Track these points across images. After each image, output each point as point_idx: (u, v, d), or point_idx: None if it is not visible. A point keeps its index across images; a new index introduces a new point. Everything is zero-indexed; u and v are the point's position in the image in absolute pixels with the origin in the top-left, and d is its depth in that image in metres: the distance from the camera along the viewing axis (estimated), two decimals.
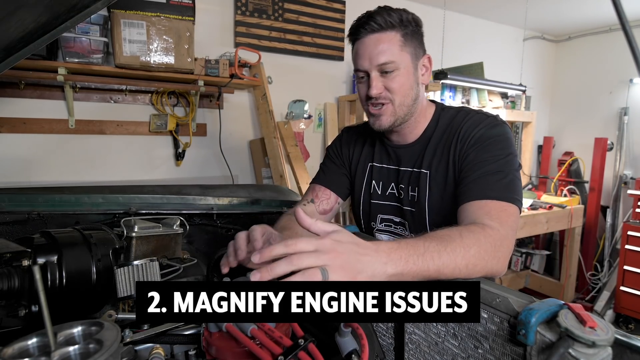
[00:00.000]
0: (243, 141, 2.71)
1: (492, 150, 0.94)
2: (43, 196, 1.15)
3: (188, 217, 1.22)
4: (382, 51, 0.96)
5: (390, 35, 0.97)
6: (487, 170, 0.91)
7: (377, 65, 0.97)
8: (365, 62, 0.99)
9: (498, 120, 1.00)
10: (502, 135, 0.96)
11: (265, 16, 2.66)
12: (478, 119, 1.00)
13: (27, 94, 2.06)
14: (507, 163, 0.92)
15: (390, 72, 0.98)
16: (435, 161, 1.03)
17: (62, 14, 0.77)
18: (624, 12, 0.54)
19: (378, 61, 0.97)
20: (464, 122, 1.00)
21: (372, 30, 0.97)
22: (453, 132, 1.01)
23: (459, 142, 0.99)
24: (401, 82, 0.99)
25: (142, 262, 0.82)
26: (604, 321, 0.50)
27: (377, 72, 0.98)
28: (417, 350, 0.76)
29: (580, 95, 4.19)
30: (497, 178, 0.89)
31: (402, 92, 0.99)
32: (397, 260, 0.64)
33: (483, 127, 0.97)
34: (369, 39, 0.98)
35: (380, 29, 0.96)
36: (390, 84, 0.98)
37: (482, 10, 3.54)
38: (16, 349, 0.52)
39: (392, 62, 0.97)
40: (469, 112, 1.03)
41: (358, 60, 1.01)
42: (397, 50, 0.97)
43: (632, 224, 3.13)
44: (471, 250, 0.71)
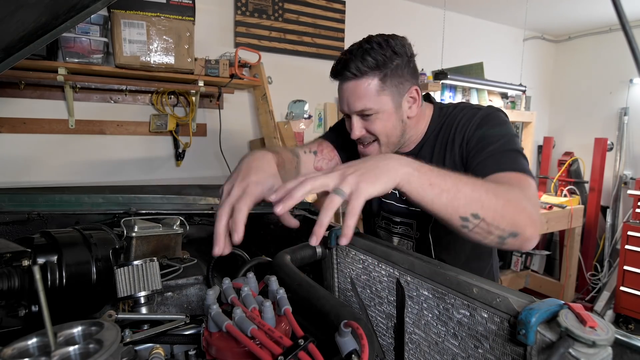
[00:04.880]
0: (243, 141, 2.71)
1: (493, 134, 0.94)
2: (43, 196, 1.15)
3: (188, 217, 1.22)
4: (358, 98, 0.95)
5: (367, 82, 0.94)
6: (493, 149, 0.91)
7: (355, 112, 0.98)
8: (344, 106, 1.00)
9: (493, 108, 1.01)
10: (500, 118, 0.97)
11: (265, 16, 2.66)
12: (474, 111, 1.01)
13: (27, 94, 2.06)
14: (509, 142, 0.92)
15: (370, 116, 0.97)
16: (435, 157, 1.03)
17: (62, 14, 0.77)
18: (624, 12, 0.54)
19: (355, 108, 0.97)
20: (462, 114, 1.02)
21: (348, 79, 0.96)
22: (451, 125, 1.02)
23: (459, 132, 0.99)
24: (382, 125, 0.98)
25: (142, 262, 0.82)
26: (604, 321, 0.50)
27: (357, 115, 0.98)
28: (417, 350, 0.76)
29: (580, 95, 4.20)
30: (505, 155, 0.89)
31: (384, 133, 0.99)
32: (411, 162, 0.65)
33: (480, 116, 0.98)
34: (346, 85, 0.97)
35: (354, 77, 0.94)
36: (371, 126, 0.98)
37: (482, 10, 3.54)
38: (16, 349, 0.52)
39: (369, 109, 0.96)
40: (464, 108, 1.04)
41: (340, 102, 1.01)
42: (374, 96, 0.95)
43: (632, 224, 3.13)
44: (501, 188, 0.71)
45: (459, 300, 0.67)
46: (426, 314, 0.74)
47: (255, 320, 0.61)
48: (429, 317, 0.74)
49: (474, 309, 0.64)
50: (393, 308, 0.82)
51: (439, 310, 0.71)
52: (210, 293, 0.68)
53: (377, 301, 0.86)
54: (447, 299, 0.70)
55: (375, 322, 0.87)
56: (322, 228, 0.61)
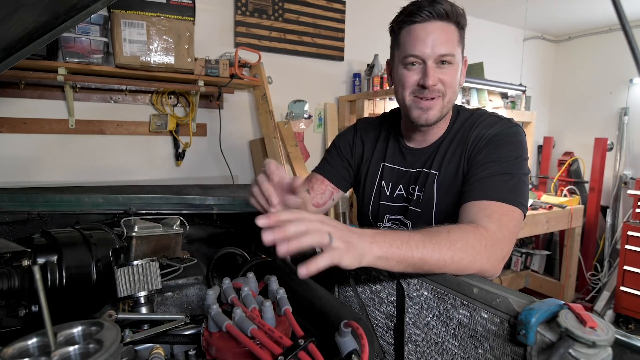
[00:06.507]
0: (243, 141, 2.71)
1: (502, 152, 0.92)
2: (43, 196, 1.15)
3: (188, 217, 1.22)
4: (445, 41, 0.91)
5: (452, 28, 0.92)
6: (494, 170, 0.90)
7: (438, 55, 0.91)
8: (426, 48, 0.91)
9: (512, 123, 0.98)
10: (514, 137, 0.95)
11: (265, 16, 2.66)
12: (492, 120, 0.99)
13: (27, 94, 2.05)
14: (515, 165, 0.90)
15: (447, 65, 0.93)
16: (446, 162, 1.01)
17: (62, 14, 0.77)
18: (624, 12, 0.54)
19: (440, 51, 0.91)
20: (478, 123, 0.99)
21: (438, 17, 0.90)
22: (466, 134, 1.00)
23: (471, 143, 0.97)
24: (454, 76, 0.95)
25: (142, 262, 0.82)
26: (604, 321, 0.50)
27: (433, 62, 0.92)
28: (417, 350, 0.76)
29: (580, 95, 4.19)
30: (504, 179, 0.88)
31: (453, 87, 0.96)
32: (381, 243, 0.67)
33: (496, 128, 0.96)
34: (433, 25, 0.90)
35: (445, 17, 0.90)
36: (445, 77, 0.93)
37: (482, 10, 3.54)
38: (16, 349, 0.52)
39: (451, 55, 0.92)
40: (482, 114, 1.02)
41: (416, 44, 0.91)
42: (456, 44, 0.93)
43: (632, 224, 3.13)
44: (457, 244, 0.72)
45: (459, 300, 0.67)
46: (426, 314, 0.74)
47: (255, 320, 0.61)
48: (429, 317, 0.74)
49: (474, 309, 0.64)
50: (393, 308, 0.82)
51: (439, 311, 0.71)
52: (210, 293, 0.68)
53: (377, 301, 0.86)
54: (447, 299, 0.70)
55: (375, 322, 0.87)
56: (279, 219, 0.62)
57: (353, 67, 3.05)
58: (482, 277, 0.72)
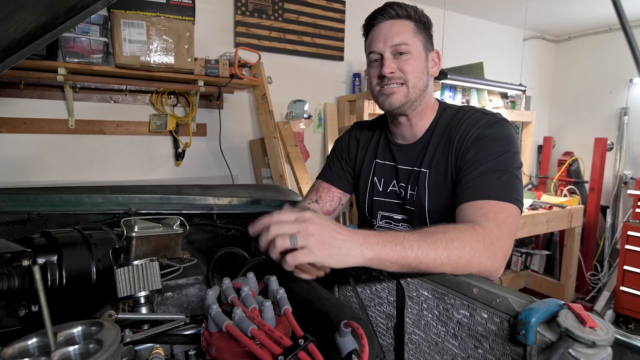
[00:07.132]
0: (243, 141, 2.71)
1: (490, 148, 0.93)
2: (43, 196, 1.15)
3: (188, 217, 1.22)
4: (396, 33, 1.00)
5: (405, 23, 1.02)
6: (485, 168, 0.90)
7: (391, 46, 1.01)
8: (379, 43, 1.02)
9: (497, 118, 0.99)
10: (501, 133, 0.95)
11: (265, 16, 2.66)
12: (477, 117, 1.00)
13: (27, 94, 2.06)
14: (505, 160, 0.91)
15: (404, 54, 1.01)
16: (435, 160, 1.03)
17: (62, 14, 0.77)
18: (624, 12, 0.54)
19: (392, 42, 1.00)
20: (463, 121, 1.01)
21: (389, 17, 1.02)
22: (452, 131, 1.01)
23: (458, 141, 0.99)
24: (413, 64, 1.01)
25: (142, 262, 0.82)
26: (604, 321, 0.50)
27: (390, 53, 1.01)
28: (417, 350, 0.76)
29: (580, 95, 4.19)
30: (495, 177, 0.89)
31: (414, 74, 1.02)
32: (373, 244, 0.67)
33: (481, 125, 0.97)
34: (385, 24, 1.02)
35: (396, 16, 1.02)
36: (404, 65, 1.01)
37: (482, 10, 3.54)
38: (16, 349, 0.52)
39: (405, 44, 1.00)
40: (468, 111, 1.04)
41: (373, 42, 1.04)
42: (411, 35, 1.01)
43: (632, 224, 3.13)
44: (454, 243, 0.72)
45: (458, 300, 0.67)
46: (426, 314, 0.74)
47: (255, 320, 0.61)
48: (429, 317, 0.74)
49: (473, 309, 0.64)
50: (393, 308, 0.82)
51: (439, 311, 0.71)
52: (210, 293, 0.68)
53: (377, 301, 0.86)
54: (447, 299, 0.70)
55: (375, 322, 0.87)
56: (261, 226, 0.69)
57: (353, 67, 3.05)
58: (485, 276, 0.72)
